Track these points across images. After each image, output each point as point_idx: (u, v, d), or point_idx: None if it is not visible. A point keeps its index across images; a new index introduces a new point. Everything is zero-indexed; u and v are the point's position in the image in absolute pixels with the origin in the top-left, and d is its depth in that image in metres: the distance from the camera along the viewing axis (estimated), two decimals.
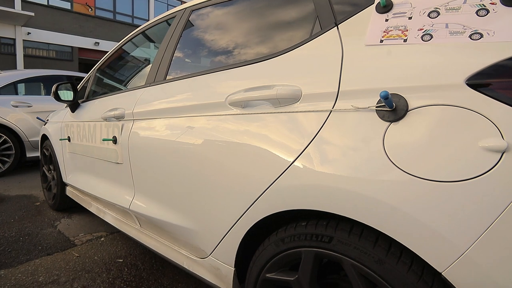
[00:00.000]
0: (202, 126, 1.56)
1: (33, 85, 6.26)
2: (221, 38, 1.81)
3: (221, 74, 1.60)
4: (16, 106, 5.35)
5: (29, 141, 5.40)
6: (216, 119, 1.49)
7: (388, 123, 0.97)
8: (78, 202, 3.14)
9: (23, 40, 16.05)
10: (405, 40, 0.98)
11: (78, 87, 3.16)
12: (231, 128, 1.41)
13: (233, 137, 1.39)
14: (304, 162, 1.12)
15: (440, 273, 0.86)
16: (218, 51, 1.84)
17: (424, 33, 0.95)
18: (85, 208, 3.04)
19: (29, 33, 16.13)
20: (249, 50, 1.61)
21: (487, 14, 0.87)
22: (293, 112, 1.21)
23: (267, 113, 1.29)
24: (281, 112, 1.25)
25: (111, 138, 2.24)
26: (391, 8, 1.06)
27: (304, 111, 1.18)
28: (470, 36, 0.87)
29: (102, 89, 3.08)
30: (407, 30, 0.99)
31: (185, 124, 1.65)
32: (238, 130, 1.38)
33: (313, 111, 1.15)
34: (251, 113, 1.36)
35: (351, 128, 1.04)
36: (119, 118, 2.20)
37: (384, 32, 1.03)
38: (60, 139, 3.21)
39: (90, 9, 18.50)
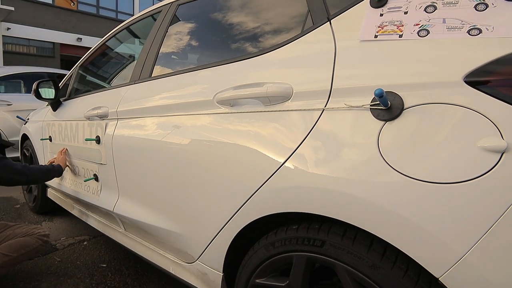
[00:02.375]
0: (188, 126, 1.53)
1: (13, 83, 6.18)
2: (209, 34, 1.80)
3: (209, 71, 1.58)
4: None
5: (8, 141, 5.32)
6: (204, 118, 1.47)
7: (383, 122, 0.95)
8: (60, 204, 3.10)
9: (3, 35, 15.81)
10: (400, 36, 0.97)
11: (60, 84, 3.11)
12: (219, 128, 1.39)
13: (221, 137, 1.37)
14: (295, 163, 1.11)
15: (437, 279, 0.85)
16: (205, 47, 1.82)
17: (420, 28, 0.94)
18: (67, 211, 3.00)
19: (8, 28, 15.90)
20: (238, 46, 1.59)
21: (486, 8, 0.86)
22: (283, 110, 1.19)
23: (257, 112, 1.27)
24: (271, 111, 1.23)
25: (94, 138, 2.20)
26: (386, 2, 1.05)
27: (295, 110, 1.16)
28: (468, 32, 0.86)
29: (85, 87, 3.05)
30: (402, 25, 0.97)
31: (171, 124, 1.62)
32: (227, 129, 1.36)
33: (304, 109, 1.13)
34: (240, 112, 1.34)
35: (344, 127, 1.03)
36: (103, 117, 2.17)
37: (379, 27, 1.02)
38: (41, 139, 3.16)
39: (72, 4, 18.32)
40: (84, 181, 2.41)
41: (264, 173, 1.19)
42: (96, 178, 2.29)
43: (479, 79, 0.83)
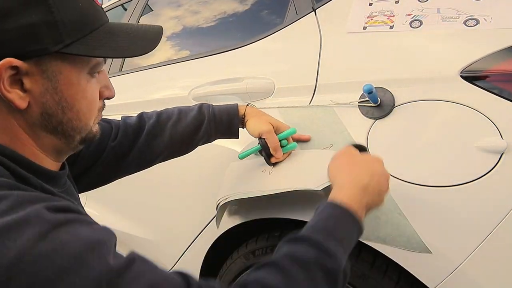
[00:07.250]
0: None
1: None
2: (185, 25, 1.77)
3: (185, 65, 1.55)
4: None
5: None
6: None
7: (373, 120, 0.93)
8: None
9: None
10: (391, 27, 0.95)
11: None
12: None
13: None
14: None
15: None
16: (181, 39, 1.79)
17: (413, 19, 0.92)
18: None
19: None
20: (216, 38, 1.57)
21: None
22: (265, 108, 1.16)
23: None
24: None
25: None
26: None
27: (278, 107, 1.13)
28: (464, 23, 0.85)
29: None
30: (393, 16, 0.96)
31: None
32: None
33: (287, 107, 1.11)
34: None
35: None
36: None
37: (368, 18, 1.00)
38: None
39: None
40: None
41: None
42: None
43: (477, 74, 0.82)
